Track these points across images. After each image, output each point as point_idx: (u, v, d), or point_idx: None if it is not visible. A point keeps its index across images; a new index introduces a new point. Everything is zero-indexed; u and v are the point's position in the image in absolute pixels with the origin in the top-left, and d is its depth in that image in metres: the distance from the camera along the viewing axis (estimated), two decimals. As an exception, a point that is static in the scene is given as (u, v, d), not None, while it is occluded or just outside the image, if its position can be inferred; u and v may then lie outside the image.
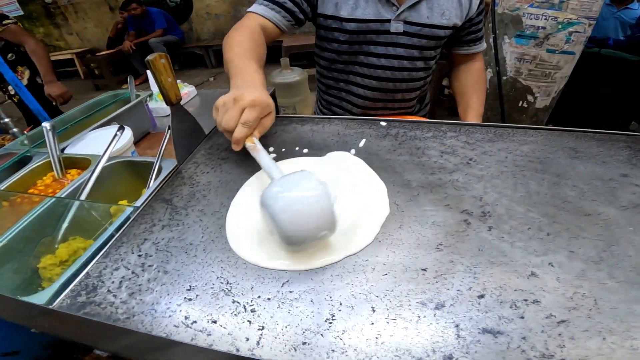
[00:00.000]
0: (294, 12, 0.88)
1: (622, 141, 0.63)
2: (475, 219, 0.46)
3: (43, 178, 0.83)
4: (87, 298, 0.39)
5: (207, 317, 0.36)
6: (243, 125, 0.54)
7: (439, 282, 0.38)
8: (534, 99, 1.73)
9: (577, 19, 1.57)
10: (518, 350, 0.32)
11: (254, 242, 0.45)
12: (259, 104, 0.56)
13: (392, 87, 0.97)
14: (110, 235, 0.52)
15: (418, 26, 0.88)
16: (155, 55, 0.60)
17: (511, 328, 0.34)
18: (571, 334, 0.33)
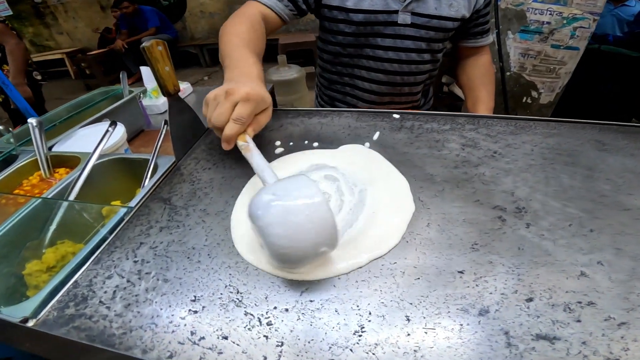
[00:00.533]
0: (297, 1, 0.84)
1: (646, 133, 0.60)
2: (509, 216, 0.42)
3: (29, 178, 0.78)
4: (76, 310, 0.34)
5: (216, 332, 0.31)
6: (235, 122, 0.48)
7: (480, 285, 0.34)
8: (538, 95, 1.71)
9: (582, 14, 1.55)
10: (579, 356, 0.28)
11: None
12: (253, 98, 0.49)
13: (400, 80, 0.93)
14: (102, 239, 0.47)
15: (426, 17, 0.84)
16: (151, 41, 0.55)
17: (568, 333, 0.30)
18: (634, 335, 0.29)
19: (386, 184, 0.47)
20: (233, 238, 0.41)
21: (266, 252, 0.35)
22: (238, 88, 0.50)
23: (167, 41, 2.04)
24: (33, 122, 0.77)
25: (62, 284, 0.41)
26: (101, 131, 0.89)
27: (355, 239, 0.39)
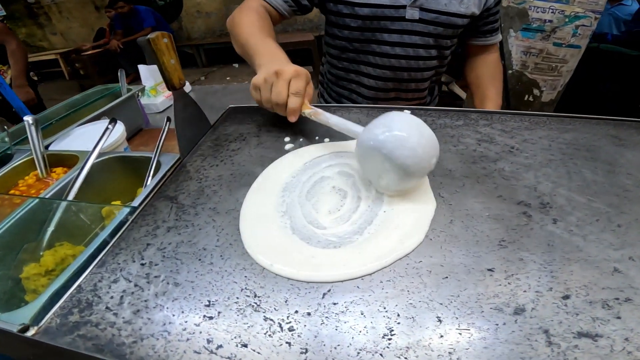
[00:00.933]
0: None
1: (660, 128, 0.59)
2: (535, 211, 0.40)
3: (25, 177, 0.75)
4: (80, 317, 0.31)
5: (235, 340, 0.29)
6: (295, 95, 0.53)
7: (512, 283, 0.32)
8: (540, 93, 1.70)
9: (583, 12, 1.55)
10: (624, 352, 0.27)
11: (279, 249, 0.37)
12: (302, 73, 0.55)
13: (407, 76, 0.91)
14: (105, 241, 0.44)
15: (435, 13, 0.82)
16: (157, 33, 0.52)
17: (610, 329, 0.28)
18: None
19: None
20: (244, 240, 0.39)
21: (389, 177, 0.40)
22: (285, 67, 0.55)
23: None
24: (29, 120, 0.74)
25: (63, 289, 0.38)
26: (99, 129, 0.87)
27: (376, 237, 0.37)
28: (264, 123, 0.63)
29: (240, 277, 0.34)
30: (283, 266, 0.35)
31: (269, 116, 0.64)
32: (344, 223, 0.39)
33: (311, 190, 0.45)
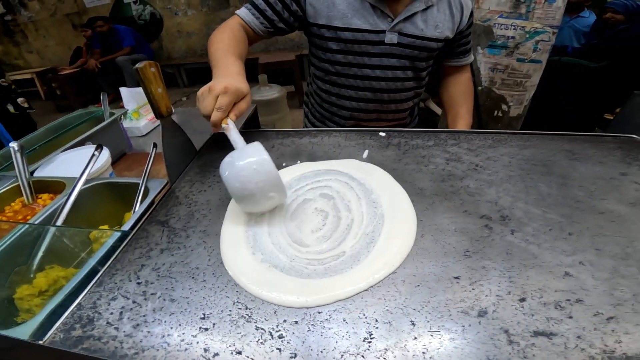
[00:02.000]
0: (273, 20, 0.89)
1: (611, 142, 0.65)
2: (496, 224, 0.45)
3: (11, 204, 0.75)
4: (83, 332, 0.33)
5: (229, 348, 0.32)
6: (217, 110, 0.59)
7: (476, 289, 0.36)
8: (508, 108, 1.80)
9: (542, 27, 1.65)
10: (577, 349, 0.31)
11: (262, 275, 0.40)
12: (231, 90, 0.60)
13: (387, 98, 0.97)
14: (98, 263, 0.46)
15: (412, 38, 0.89)
16: (145, 63, 0.56)
17: (564, 328, 0.32)
18: (624, 329, 0.32)
19: (390, 200, 0.49)
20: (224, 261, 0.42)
21: (235, 190, 0.44)
22: (218, 83, 0.61)
23: (142, 61, 2.04)
24: (14, 147, 0.75)
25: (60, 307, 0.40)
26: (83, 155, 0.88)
27: (365, 256, 0.41)
28: (248, 147, 0.66)
29: (232, 292, 0.37)
30: (268, 293, 0.37)
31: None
32: (325, 241, 0.43)
33: (294, 212, 0.48)
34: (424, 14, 0.88)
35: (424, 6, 0.88)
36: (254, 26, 0.89)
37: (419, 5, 0.87)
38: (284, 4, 0.88)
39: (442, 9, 0.91)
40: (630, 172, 0.56)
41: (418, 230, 0.44)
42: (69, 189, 0.69)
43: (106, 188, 0.73)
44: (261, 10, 0.88)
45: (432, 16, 0.89)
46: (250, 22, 0.89)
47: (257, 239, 0.44)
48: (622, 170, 0.57)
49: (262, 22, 0.89)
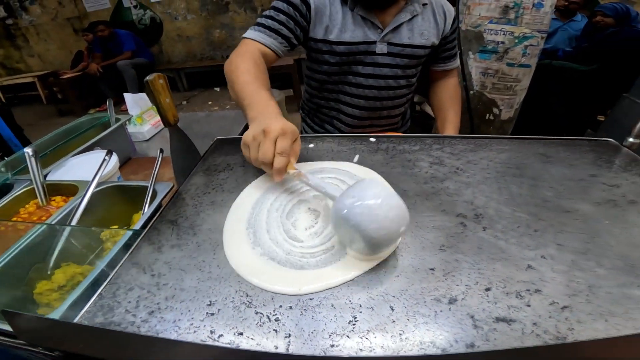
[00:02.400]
0: (290, 38, 0.92)
1: (585, 145, 0.71)
2: (470, 221, 0.50)
3: (26, 206, 0.81)
4: (105, 319, 0.38)
5: (232, 330, 0.37)
6: (281, 155, 0.54)
7: (448, 279, 0.41)
8: (499, 111, 1.85)
9: (530, 32, 1.70)
10: (533, 335, 0.35)
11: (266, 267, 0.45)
12: (289, 132, 0.56)
13: (379, 105, 1.03)
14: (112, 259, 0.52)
15: (400, 47, 0.95)
16: (154, 75, 0.61)
17: (522, 315, 0.37)
18: (577, 317, 0.36)
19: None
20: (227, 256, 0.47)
21: (359, 245, 0.42)
22: (272, 125, 0.56)
23: (143, 65, 2.19)
24: (29, 152, 0.80)
25: (80, 300, 0.46)
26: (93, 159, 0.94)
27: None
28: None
29: (235, 281, 0.42)
30: (266, 283, 0.42)
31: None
32: (317, 237, 0.48)
33: (290, 211, 0.54)
34: (410, 23, 0.95)
35: (409, 16, 0.94)
36: (275, 48, 0.90)
37: (405, 16, 0.94)
38: (295, 21, 0.92)
39: (427, 17, 0.97)
40: (600, 174, 0.61)
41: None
42: (82, 192, 0.74)
43: (116, 191, 0.78)
44: (276, 30, 0.90)
45: (417, 25, 0.96)
46: (271, 45, 0.89)
47: (257, 236, 0.49)
48: (591, 172, 0.62)
49: (281, 41, 0.91)
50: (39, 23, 5.47)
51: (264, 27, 0.90)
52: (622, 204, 0.54)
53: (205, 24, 5.02)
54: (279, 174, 0.54)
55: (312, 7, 0.91)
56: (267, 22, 0.90)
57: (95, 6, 5.22)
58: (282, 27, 0.90)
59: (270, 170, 0.55)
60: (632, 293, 0.39)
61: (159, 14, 5.09)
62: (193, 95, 4.89)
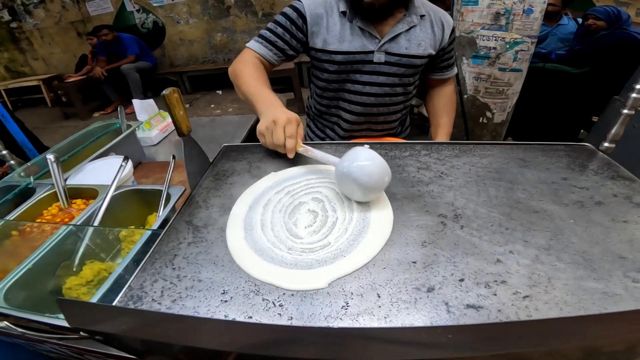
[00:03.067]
0: (285, 49, 1.01)
1: (561, 150, 0.77)
2: (449, 221, 0.57)
3: (48, 208, 0.88)
4: (135, 306, 0.45)
5: (243, 314, 0.44)
6: (291, 138, 0.71)
7: (427, 271, 0.48)
8: (492, 115, 1.92)
9: (521, 38, 1.77)
10: (496, 320, 0.41)
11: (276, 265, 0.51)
12: (294, 120, 0.73)
13: (376, 111, 1.09)
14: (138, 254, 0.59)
15: (398, 56, 1.00)
16: (170, 90, 0.67)
17: (489, 303, 0.43)
18: (535, 306, 0.43)
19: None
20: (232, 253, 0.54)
21: (357, 193, 0.59)
22: (280, 115, 0.72)
23: (146, 69, 2.31)
24: (51, 158, 0.87)
25: (109, 292, 0.53)
26: (108, 164, 1.01)
27: (353, 248, 0.53)
28: (253, 160, 0.79)
29: (244, 273, 0.49)
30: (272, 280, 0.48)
31: (257, 154, 0.80)
32: (315, 234, 0.55)
33: (292, 212, 0.61)
34: (407, 33, 1.00)
35: (407, 27, 0.99)
36: (269, 58, 1.01)
37: (403, 27, 0.99)
38: (291, 34, 1.00)
39: (425, 28, 1.02)
40: (571, 177, 0.67)
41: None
42: (102, 195, 0.81)
43: (133, 194, 0.86)
44: (272, 42, 1.00)
45: (415, 35, 1.00)
46: (265, 54, 1.00)
47: (255, 240, 0.56)
48: (564, 176, 0.68)
49: (276, 52, 1.01)
50: (43, 27, 5.54)
51: (262, 39, 1.01)
52: (588, 205, 0.60)
53: (207, 28, 5.10)
54: (291, 152, 0.71)
55: (308, 20, 0.98)
56: (266, 34, 1.01)
57: (99, 10, 5.29)
58: (278, 39, 1.00)
59: (284, 151, 0.72)
60: (586, 285, 0.45)
61: (162, 17, 5.16)
62: (196, 98, 4.95)
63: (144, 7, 5.11)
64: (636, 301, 0.43)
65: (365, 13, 0.96)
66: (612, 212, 0.58)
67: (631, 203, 0.60)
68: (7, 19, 5.55)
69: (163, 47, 5.39)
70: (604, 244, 0.52)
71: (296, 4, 1.00)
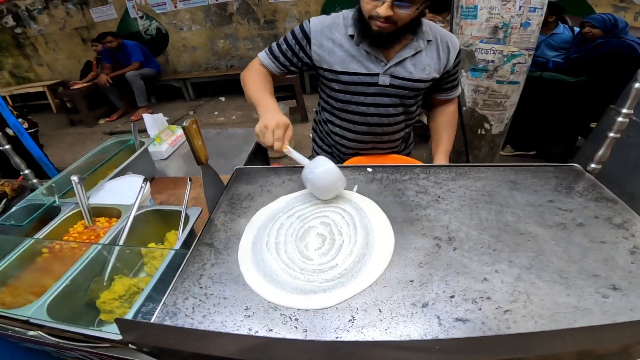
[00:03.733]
0: (286, 65, 1.11)
1: (550, 172, 0.83)
2: (444, 243, 0.64)
3: (74, 226, 0.95)
4: (171, 321, 0.53)
5: (265, 327, 0.51)
6: (277, 141, 0.83)
7: (423, 289, 0.55)
8: (490, 127, 1.98)
9: (518, 51, 1.81)
10: (480, 331, 0.49)
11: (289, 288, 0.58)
12: (281, 124, 0.85)
13: (380, 131, 1.15)
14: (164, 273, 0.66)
15: (402, 80, 1.05)
16: (189, 121, 0.73)
17: (474, 317, 0.50)
18: (514, 319, 0.50)
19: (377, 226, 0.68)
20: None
21: (317, 193, 0.76)
22: (269, 120, 0.85)
23: (150, 75, 2.40)
24: (75, 179, 0.94)
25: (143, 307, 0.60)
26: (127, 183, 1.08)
27: (359, 272, 0.59)
28: (264, 184, 0.86)
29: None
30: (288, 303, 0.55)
31: (268, 178, 0.88)
32: (324, 256, 0.62)
33: (302, 235, 0.68)
34: (413, 58, 1.04)
35: (413, 52, 1.03)
36: (271, 69, 1.12)
37: (409, 52, 1.03)
38: (294, 52, 1.08)
39: (430, 53, 1.06)
40: (557, 200, 0.74)
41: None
42: (125, 214, 0.88)
43: (153, 214, 0.92)
44: (276, 57, 1.10)
45: (420, 60, 1.05)
46: (268, 65, 1.11)
47: (267, 264, 0.62)
48: (550, 198, 0.75)
49: (278, 66, 1.11)
50: (47, 32, 5.59)
51: (269, 52, 1.12)
52: (570, 226, 0.67)
53: (210, 35, 5.17)
54: (277, 151, 0.84)
55: (313, 41, 1.05)
56: (273, 48, 1.12)
57: (103, 17, 5.35)
58: (281, 55, 1.10)
59: (272, 150, 0.84)
60: (560, 300, 0.53)
61: (165, 24, 5.23)
62: (199, 105, 5.02)
63: (147, 14, 5.18)
64: (604, 314, 0.50)
65: (373, 39, 1.00)
66: (591, 233, 0.65)
67: (611, 224, 0.67)
68: (11, 24, 5.59)
69: (166, 54, 5.46)
70: (580, 263, 0.59)
71: (304, 25, 1.07)
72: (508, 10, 1.73)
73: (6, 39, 5.72)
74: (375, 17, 0.92)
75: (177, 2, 4.97)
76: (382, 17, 0.90)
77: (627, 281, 0.55)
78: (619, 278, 0.55)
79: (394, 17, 0.90)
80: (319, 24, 1.06)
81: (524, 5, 1.70)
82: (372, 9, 0.91)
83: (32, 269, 0.82)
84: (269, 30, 5.01)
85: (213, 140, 1.68)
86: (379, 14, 0.90)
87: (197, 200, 1.08)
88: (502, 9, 1.73)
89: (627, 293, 0.53)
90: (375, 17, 0.92)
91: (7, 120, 1.61)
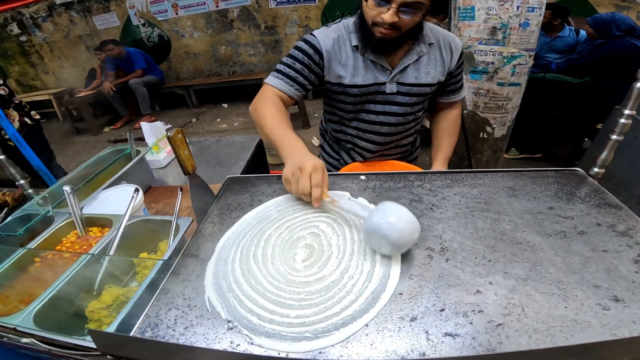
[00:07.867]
0: (305, 84, 1.04)
1: (551, 177, 0.80)
2: (436, 254, 0.62)
3: (67, 236, 0.94)
4: (153, 332, 0.51)
5: (246, 340, 0.49)
6: (316, 187, 0.70)
7: (412, 302, 0.53)
8: (492, 130, 1.96)
9: (518, 52, 1.79)
10: (470, 347, 0.46)
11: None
12: (319, 167, 0.73)
13: (390, 139, 1.15)
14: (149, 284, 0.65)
15: (409, 86, 1.05)
16: (174, 130, 0.72)
17: (464, 331, 0.48)
18: (506, 333, 0.47)
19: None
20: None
21: (386, 248, 0.59)
22: (306, 163, 0.72)
23: (154, 83, 2.40)
24: (67, 190, 0.93)
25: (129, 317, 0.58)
26: (121, 193, 1.07)
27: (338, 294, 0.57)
28: (255, 193, 0.84)
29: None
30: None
31: (259, 187, 0.86)
32: (312, 268, 0.60)
33: (290, 247, 0.66)
34: (416, 63, 1.04)
35: (416, 57, 1.03)
36: (290, 94, 1.03)
37: (412, 57, 1.03)
38: (310, 69, 1.04)
39: (434, 56, 1.06)
40: (557, 207, 0.71)
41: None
42: (116, 225, 0.87)
43: (145, 223, 0.91)
44: (292, 78, 1.03)
45: (424, 64, 1.04)
46: (287, 91, 1.03)
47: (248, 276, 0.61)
48: (550, 205, 0.72)
49: (297, 88, 1.04)
50: (52, 40, 5.64)
51: (282, 74, 1.03)
52: (571, 235, 0.64)
53: (212, 41, 5.21)
54: (317, 202, 0.70)
55: (325, 56, 1.02)
56: (285, 70, 1.03)
57: (105, 24, 5.40)
58: (298, 75, 1.03)
59: (309, 199, 0.71)
60: (557, 313, 0.50)
61: (167, 31, 5.28)
62: (202, 112, 5.05)
63: (150, 21, 5.23)
64: (603, 328, 0.48)
65: (376, 46, 0.99)
66: (593, 241, 0.62)
67: (614, 232, 0.64)
68: (16, 32, 5.64)
69: (169, 61, 5.51)
70: (580, 274, 0.56)
71: (311, 39, 1.03)
72: (506, 11, 1.71)
73: (12, 47, 5.78)
74: (379, 24, 0.91)
75: (179, 9, 5.02)
76: (387, 24, 0.89)
77: (630, 292, 0.52)
78: (621, 289, 0.53)
79: (398, 23, 0.89)
80: (325, 38, 1.03)
81: (522, 5, 1.68)
82: (377, 15, 0.90)
83: (24, 278, 0.81)
84: (269, 36, 5.03)
85: (212, 148, 1.67)
86: (384, 20, 0.89)
87: (190, 209, 1.07)
88: (499, 9, 1.71)
89: (629, 304, 0.50)
90: (379, 24, 0.91)
91: (6, 130, 1.62)
